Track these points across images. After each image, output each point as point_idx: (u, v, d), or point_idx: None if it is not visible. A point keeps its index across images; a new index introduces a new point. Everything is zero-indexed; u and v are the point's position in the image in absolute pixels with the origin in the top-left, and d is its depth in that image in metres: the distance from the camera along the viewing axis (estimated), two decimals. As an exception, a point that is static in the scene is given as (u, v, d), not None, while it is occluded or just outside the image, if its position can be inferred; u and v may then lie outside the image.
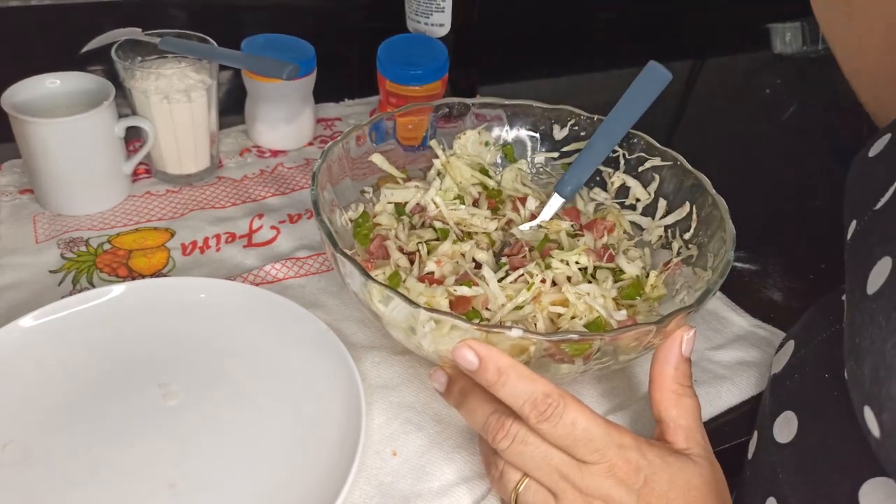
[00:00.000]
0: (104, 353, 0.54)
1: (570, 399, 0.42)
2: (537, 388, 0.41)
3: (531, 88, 1.04)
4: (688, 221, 0.61)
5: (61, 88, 0.68)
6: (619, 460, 0.41)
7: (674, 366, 0.46)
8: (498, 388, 0.42)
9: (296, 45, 0.78)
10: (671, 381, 0.46)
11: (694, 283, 0.56)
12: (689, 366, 0.47)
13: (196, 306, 0.58)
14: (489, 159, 0.70)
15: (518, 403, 0.41)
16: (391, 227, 0.63)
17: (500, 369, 0.42)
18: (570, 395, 0.42)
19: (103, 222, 0.69)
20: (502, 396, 0.42)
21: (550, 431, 0.41)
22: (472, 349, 0.42)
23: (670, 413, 0.45)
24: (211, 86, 0.71)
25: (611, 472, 0.41)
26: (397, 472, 0.50)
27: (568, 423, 0.41)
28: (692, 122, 1.02)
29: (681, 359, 0.46)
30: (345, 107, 0.90)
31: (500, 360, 0.42)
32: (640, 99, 0.64)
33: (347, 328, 0.60)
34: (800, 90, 1.14)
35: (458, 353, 0.43)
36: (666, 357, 0.46)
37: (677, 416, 0.45)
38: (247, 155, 0.80)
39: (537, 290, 0.56)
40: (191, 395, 0.53)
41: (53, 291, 0.61)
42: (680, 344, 0.46)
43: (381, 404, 0.54)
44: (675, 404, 0.45)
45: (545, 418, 0.41)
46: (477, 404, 0.45)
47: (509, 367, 0.42)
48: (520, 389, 0.41)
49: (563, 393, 0.42)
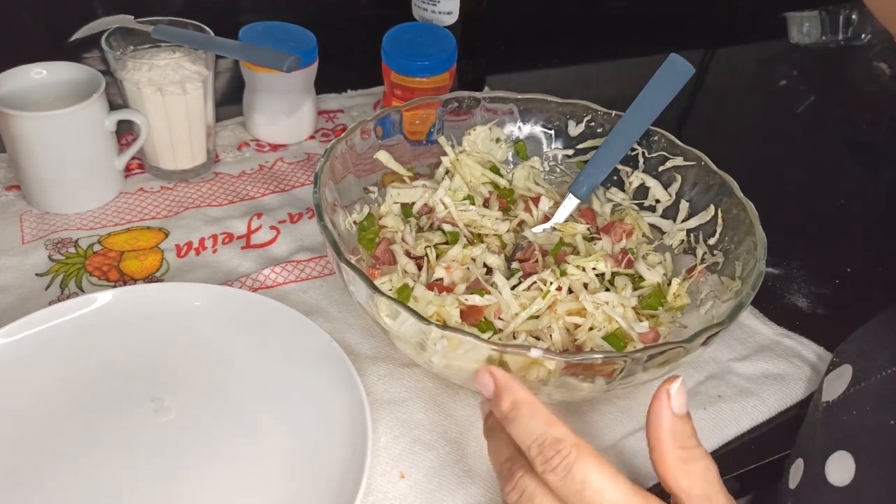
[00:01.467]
0: (92, 366, 0.51)
1: (587, 451, 0.36)
2: (549, 432, 0.37)
3: (540, 78, 1.00)
4: (712, 225, 0.57)
5: (49, 79, 0.64)
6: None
7: (669, 429, 0.39)
8: (508, 423, 0.38)
9: (296, 33, 0.74)
10: (671, 446, 0.39)
11: (720, 293, 0.53)
12: (688, 423, 0.40)
13: (190, 315, 0.54)
14: (500, 156, 0.67)
15: (526, 443, 0.37)
16: (397, 229, 0.60)
17: (514, 402, 0.38)
18: (588, 447, 0.37)
19: (94, 221, 0.65)
20: (512, 432, 0.38)
21: (558, 486, 0.36)
22: (492, 376, 0.39)
23: (680, 485, 0.39)
24: (207, 77, 0.67)
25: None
26: (405, 497, 0.47)
27: (578, 479, 0.36)
28: (703, 114, 0.98)
29: (674, 419, 0.39)
30: (347, 98, 0.86)
31: (517, 394, 0.38)
32: (660, 94, 0.60)
33: (351, 338, 0.56)
34: (817, 82, 1.11)
35: (478, 377, 0.39)
36: (657, 421, 0.39)
37: (689, 486, 0.39)
38: (245, 149, 0.76)
39: (552, 298, 0.53)
40: (185, 411, 0.49)
41: (40, 296, 0.58)
42: (668, 401, 0.39)
43: (387, 421, 0.51)
44: (683, 473, 0.39)
45: (551, 468, 0.36)
46: (500, 445, 0.41)
47: (524, 403, 0.38)
48: (530, 428, 0.37)
49: (580, 443, 0.37)
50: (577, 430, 0.50)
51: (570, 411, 0.53)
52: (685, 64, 0.60)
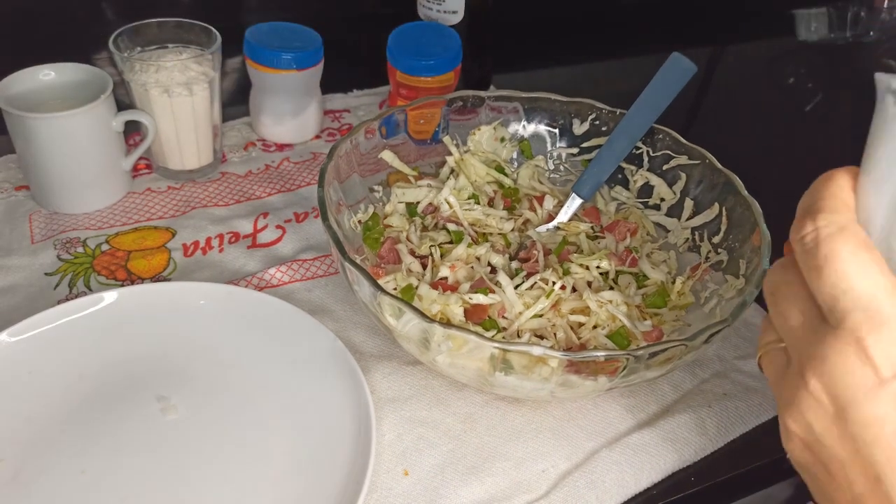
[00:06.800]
0: (98, 365, 0.52)
1: (850, 233, 0.31)
2: (823, 198, 0.32)
3: (546, 77, 1.00)
4: (717, 224, 0.57)
5: (57, 80, 0.65)
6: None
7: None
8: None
9: (302, 33, 0.74)
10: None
11: (724, 291, 0.53)
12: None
13: (196, 314, 0.55)
14: (505, 155, 0.67)
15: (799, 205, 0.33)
16: (402, 228, 0.60)
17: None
18: (856, 233, 0.31)
19: (102, 221, 0.66)
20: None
21: (800, 258, 0.32)
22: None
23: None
24: (213, 78, 0.67)
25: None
26: (409, 493, 0.47)
27: (821, 255, 0.31)
28: (711, 112, 0.98)
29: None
30: (353, 98, 0.86)
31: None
32: (662, 93, 0.60)
33: (356, 336, 0.57)
34: (825, 79, 1.10)
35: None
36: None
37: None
38: (251, 149, 0.76)
39: (556, 297, 0.53)
40: (191, 410, 0.50)
41: (49, 296, 0.58)
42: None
43: (391, 419, 0.51)
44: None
45: (800, 235, 0.32)
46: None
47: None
48: (812, 190, 0.33)
49: (848, 225, 0.31)
50: (582, 428, 0.51)
51: (574, 409, 0.53)
52: (687, 62, 0.60)
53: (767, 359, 0.36)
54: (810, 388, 0.31)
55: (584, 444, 0.51)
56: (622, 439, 0.51)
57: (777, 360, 0.35)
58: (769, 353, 0.36)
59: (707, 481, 0.51)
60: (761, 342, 0.37)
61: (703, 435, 0.52)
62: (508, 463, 0.49)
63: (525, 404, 0.53)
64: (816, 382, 0.31)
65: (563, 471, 0.49)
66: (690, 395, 0.55)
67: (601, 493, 0.48)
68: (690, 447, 0.51)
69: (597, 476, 0.49)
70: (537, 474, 0.49)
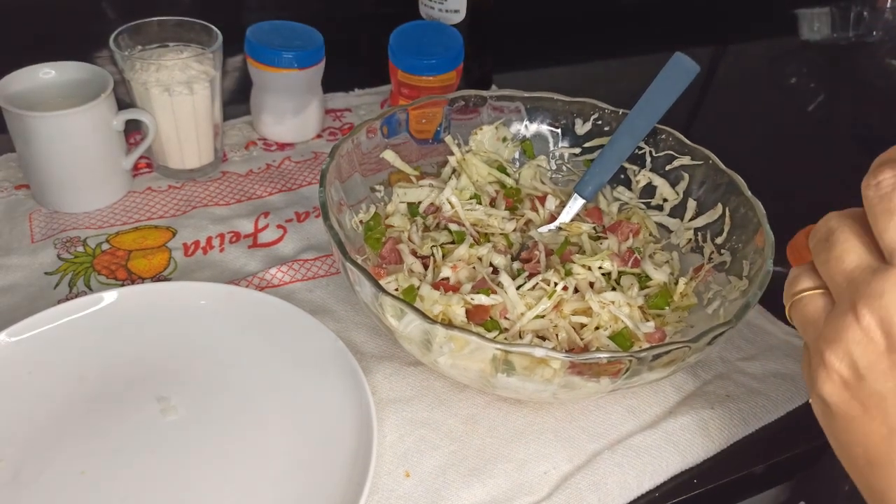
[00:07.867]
0: (98, 365, 0.51)
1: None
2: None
3: (548, 77, 1.00)
4: (720, 224, 0.57)
5: (57, 79, 0.64)
6: None
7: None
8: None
9: (303, 32, 0.74)
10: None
11: (728, 292, 0.53)
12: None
13: (197, 313, 0.54)
14: (507, 155, 0.66)
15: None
16: (404, 228, 0.59)
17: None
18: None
19: (102, 220, 0.65)
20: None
21: (870, 202, 0.34)
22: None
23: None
24: (214, 77, 0.67)
25: None
26: (410, 495, 0.47)
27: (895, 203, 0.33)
28: (713, 112, 0.98)
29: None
30: (354, 97, 0.86)
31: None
32: (665, 93, 0.60)
33: (357, 336, 0.56)
34: (828, 79, 1.10)
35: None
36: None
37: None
38: (252, 148, 0.76)
39: (558, 298, 0.53)
40: (191, 411, 0.50)
41: (49, 295, 0.58)
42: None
43: (393, 420, 0.51)
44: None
45: (875, 181, 0.34)
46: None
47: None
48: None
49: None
50: (584, 429, 0.51)
51: (576, 410, 0.52)
52: (690, 62, 0.60)
53: (800, 305, 0.37)
54: (864, 323, 0.33)
55: (587, 446, 0.50)
56: (624, 441, 0.51)
57: (813, 305, 0.37)
58: (802, 300, 0.37)
59: (710, 483, 0.50)
60: (791, 291, 0.38)
61: (706, 437, 0.52)
62: (510, 464, 0.49)
63: (527, 406, 0.52)
64: (871, 317, 0.33)
65: (565, 472, 0.49)
66: (693, 397, 0.54)
67: (603, 494, 0.48)
68: (693, 449, 0.51)
69: (599, 478, 0.49)
70: (539, 476, 0.48)
